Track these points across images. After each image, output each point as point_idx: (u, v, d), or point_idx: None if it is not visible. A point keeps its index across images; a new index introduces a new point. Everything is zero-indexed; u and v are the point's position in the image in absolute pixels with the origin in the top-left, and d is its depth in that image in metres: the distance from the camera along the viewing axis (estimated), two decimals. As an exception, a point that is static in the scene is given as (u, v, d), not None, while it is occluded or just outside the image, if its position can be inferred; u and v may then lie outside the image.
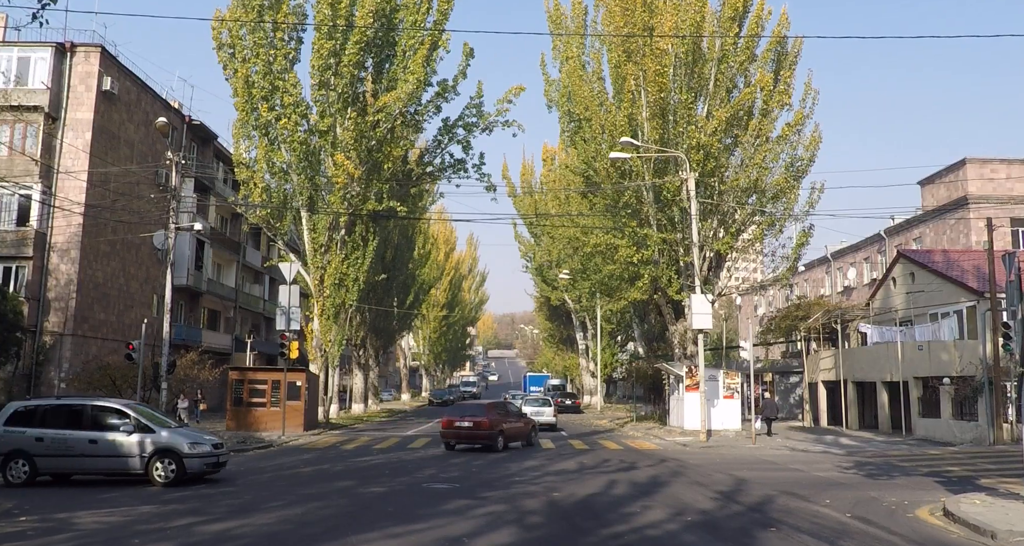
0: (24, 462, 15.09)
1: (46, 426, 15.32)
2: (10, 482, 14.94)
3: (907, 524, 11.27)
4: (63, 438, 15.12)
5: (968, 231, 36.59)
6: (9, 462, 15.10)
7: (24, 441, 15.15)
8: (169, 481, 14.93)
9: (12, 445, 15.13)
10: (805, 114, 29.74)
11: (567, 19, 37.39)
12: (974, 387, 25.58)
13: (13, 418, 15.46)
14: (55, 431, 15.24)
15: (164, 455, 15.06)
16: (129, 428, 15.13)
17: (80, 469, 15.41)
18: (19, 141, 32.95)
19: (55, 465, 15.32)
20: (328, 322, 32.13)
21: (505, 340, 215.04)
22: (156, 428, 15.34)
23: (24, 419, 15.46)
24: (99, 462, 15.22)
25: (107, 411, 15.66)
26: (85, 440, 15.08)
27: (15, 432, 15.23)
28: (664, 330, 35.93)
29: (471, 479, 16.09)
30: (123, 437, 15.10)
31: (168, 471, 15.01)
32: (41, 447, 15.09)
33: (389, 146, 31.98)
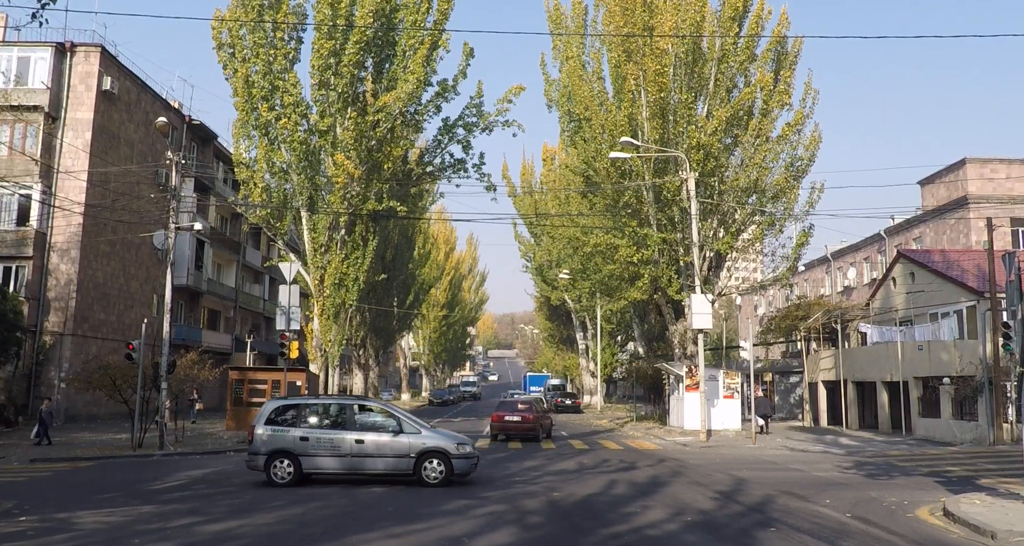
0: (289, 462, 14.93)
1: (309, 426, 15.22)
2: (275, 482, 14.80)
3: (907, 524, 11.27)
4: (329, 438, 15.01)
5: (968, 231, 36.59)
6: (274, 461, 14.93)
7: (288, 440, 15.00)
8: (439, 482, 14.81)
9: (276, 444, 14.96)
10: (805, 114, 29.75)
11: (567, 19, 37.39)
12: (974, 387, 25.58)
13: (275, 417, 15.32)
14: (320, 431, 15.12)
15: (433, 456, 14.95)
16: (396, 428, 15.10)
17: (347, 469, 15.16)
18: (19, 141, 32.96)
19: (320, 465, 15.10)
20: (328, 322, 32.11)
21: (505, 340, 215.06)
22: (420, 428, 15.37)
23: (286, 418, 15.35)
24: (366, 462, 15.05)
25: (370, 411, 15.72)
26: (352, 440, 14.94)
27: (279, 431, 15.08)
28: (664, 330, 35.93)
29: (471, 479, 16.08)
30: (390, 437, 15.01)
31: (437, 472, 14.90)
32: (306, 447, 14.94)
33: (389, 146, 31.96)
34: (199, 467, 18.60)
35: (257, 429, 15.11)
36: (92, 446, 23.55)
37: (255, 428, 15.16)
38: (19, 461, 19.93)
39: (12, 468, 18.72)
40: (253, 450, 15.06)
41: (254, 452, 15.04)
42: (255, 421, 15.45)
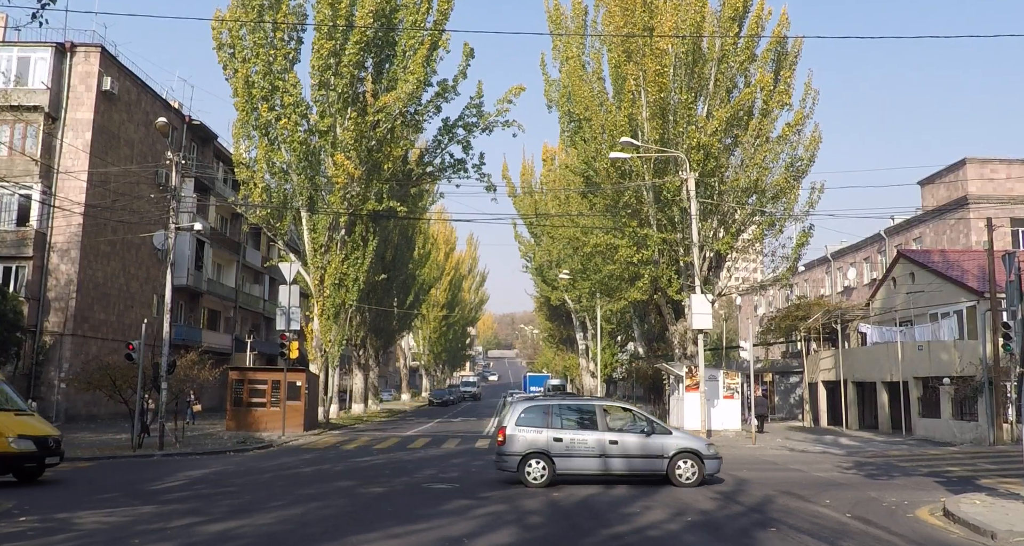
0: (543, 463, 14.96)
1: (559, 427, 15.25)
2: (528, 482, 14.81)
3: (907, 524, 11.26)
4: (583, 439, 15.03)
5: (968, 231, 36.59)
6: (528, 461, 14.98)
7: (542, 441, 15.04)
8: (691, 483, 14.79)
9: (531, 445, 15.01)
10: (805, 114, 29.74)
11: (567, 19, 37.39)
12: (974, 387, 25.58)
13: (525, 418, 15.36)
14: (573, 432, 15.16)
15: (686, 456, 14.95)
16: (647, 429, 15.14)
17: (600, 470, 15.12)
18: (19, 141, 32.96)
19: (573, 466, 15.10)
20: (328, 322, 32.12)
21: (505, 340, 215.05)
22: (669, 429, 15.39)
23: (536, 419, 15.38)
24: (619, 463, 15.06)
25: (618, 412, 15.82)
26: (606, 441, 14.97)
27: (532, 432, 15.12)
28: (664, 330, 35.92)
29: (471, 479, 16.08)
30: (643, 438, 15.05)
31: (691, 473, 14.89)
32: (560, 447, 14.98)
33: (389, 146, 31.97)
34: (199, 467, 18.60)
35: (509, 430, 15.16)
36: (92, 446, 23.55)
37: (505, 429, 15.20)
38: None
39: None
40: (505, 451, 15.08)
41: (506, 453, 15.07)
42: (503, 422, 15.50)
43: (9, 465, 15.12)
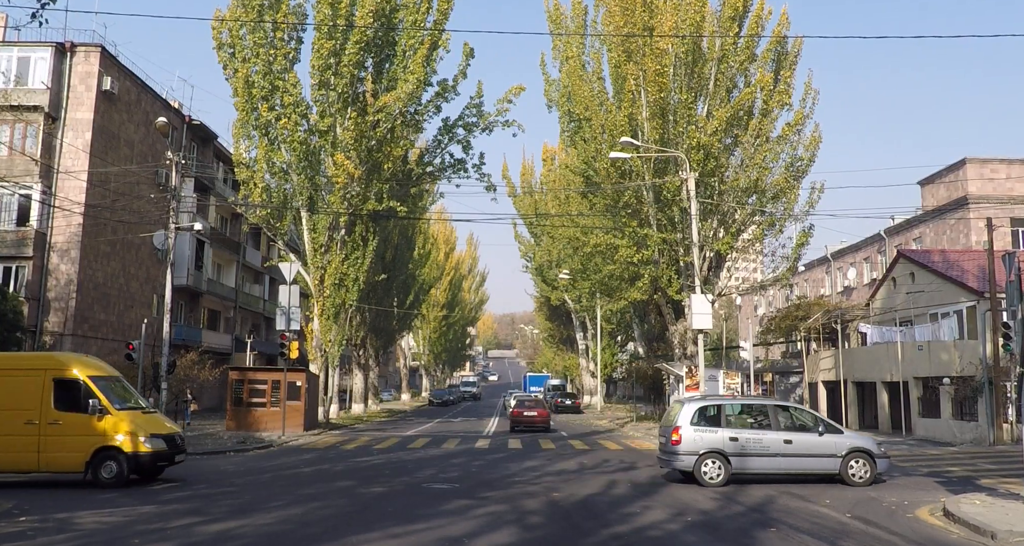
0: (720, 462, 15.04)
1: (734, 426, 15.34)
2: (704, 482, 14.91)
3: (907, 524, 11.27)
4: (758, 438, 15.07)
5: (968, 231, 36.58)
6: (704, 461, 15.05)
7: (719, 441, 15.11)
8: (863, 482, 14.93)
9: (708, 445, 15.07)
10: (805, 114, 29.72)
11: (567, 19, 37.38)
12: (974, 387, 25.57)
13: (698, 418, 15.44)
14: (748, 431, 15.25)
15: (858, 456, 15.06)
16: (820, 428, 15.25)
17: (775, 470, 15.28)
18: (19, 141, 32.95)
19: (749, 465, 15.22)
20: (328, 322, 32.12)
21: (505, 340, 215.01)
22: (840, 428, 15.50)
23: (710, 419, 15.47)
24: (794, 462, 15.15)
25: (789, 411, 15.96)
26: (780, 440, 15.05)
27: (707, 432, 15.19)
28: (664, 330, 35.91)
29: (471, 479, 16.09)
30: (816, 437, 15.16)
31: (863, 471, 15.03)
32: (735, 447, 15.08)
33: (389, 146, 31.97)
34: (199, 467, 18.60)
35: (683, 430, 15.21)
36: (92, 446, 23.50)
37: (680, 428, 15.24)
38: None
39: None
40: (680, 450, 15.17)
41: (681, 452, 15.15)
42: (676, 422, 15.52)
43: (144, 465, 15.17)
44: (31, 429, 14.81)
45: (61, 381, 15.15)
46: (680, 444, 15.13)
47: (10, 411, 14.87)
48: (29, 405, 14.94)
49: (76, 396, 15.07)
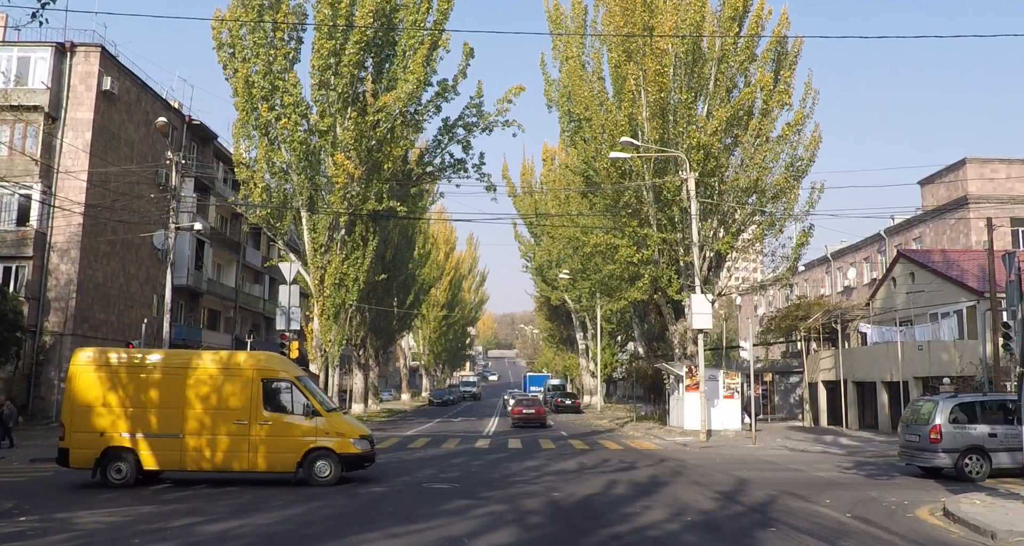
0: (980, 458, 15.15)
1: (990, 422, 15.38)
2: (971, 478, 15.03)
3: (907, 524, 11.27)
4: (1016, 433, 14.78)
5: (968, 231, 36.59)
6: (966, 458, 15.13)
7: (977, 437, 15.20)
8: None
9: (967, 442, 15.14)
10: (805, 114, 29.74)
11: (567, 19, 37.38)
12: (974, 387, 25.56)
13: (954, 415, 15.50)
14: (1005, 427, 15.28)
15: None
16: None
17: None
18: (19, 141, 32.95)
19: (1006, 460, 15.26)
20: (328, 322, 32.11)
21: (505, 340, 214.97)
22: None
23: (966, 415, 15.52)
24: None
25: None
26: None
27: (965, 429, 15.28)
28: (664, 330, 35.93)
29: (471, 479, 16.09)
30: None
31: None
32: (994, 443, 15.17)
33: (389, 146, 31.96)
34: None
35: (944, 428, 15.35)
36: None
37: (940, 426, 15.38)
38: (19, 461, 19.92)
39: (12, 468, 18.71)
40: (940, 448, 15.24)
41: (939, 450, 15.23)
42: (933, 420, 15.65)
43: (353, 466, 15.56)
44: (242, 429, 15.06)
45: (269, 381, 15.40)
46: (940, 442, 15.27)
47: (220, 411, 15.14)
48: (238, 405, 15.18)
49: (285, 397, 15.40)
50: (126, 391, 15.07)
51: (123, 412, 14.98)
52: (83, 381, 15.09)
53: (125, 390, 15.08)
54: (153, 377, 15.25)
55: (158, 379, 15.21)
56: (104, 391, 15.03)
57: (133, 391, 15.08)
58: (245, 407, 15.12)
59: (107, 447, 14.83)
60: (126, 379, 15.13)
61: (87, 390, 15.04)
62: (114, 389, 15.06)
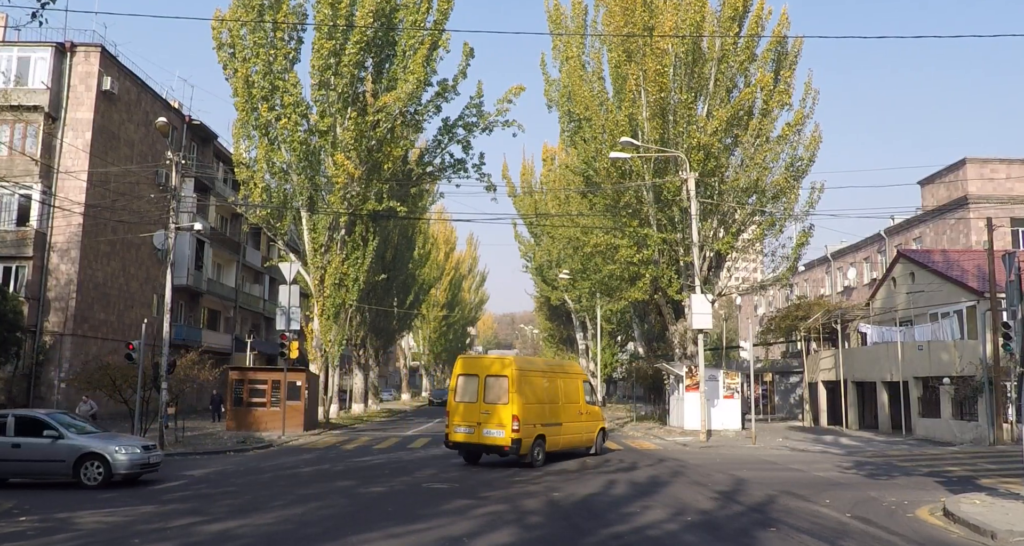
0: None
1: None
2: None
3: (907, 524, 11.27)
4: None
5: (968, 231, 36.59)
6: None
7: None
8: None
9: None
10: (805, 114, 29.75)
11: (567, 19, 37.39)
12: (974, 387, 25.58)
13: None
14: None
15: None
16: None
17: None
18: (19, 141, 32.95)
19: None
20: (328, 322, 32.12)
21: (505, 340, 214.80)
22: None
23: None
24: None
25: None
26: None
27: None
28: (664, 330, 35.92)
29: (471, 479, 16.09)
30: None
31: None
32: None
33: (389, 146, 31.97)
34: (199, 467, 18.61)
35: None
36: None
37: None
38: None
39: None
40: None
41: None
42: None
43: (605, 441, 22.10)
44: (581, 417, 20.98)
45: (586, 382, 22.01)
46: None
47: (572, 404, 20.65)
48: (578, 399, 21.05)
49: (587, 392, 21.78)
50: (534, 391, 19.23)
51: (540, 409, 19.24)
52: (526, 383, 18.99)
53: (534, 391, 19.22)
54: (541, 382, 19.73)
55: (545, 383, 19.86)
56: (531, 391, 19.05)
57: (536, 392, 19.37)
58: (580, 401, 21.07)
59: (537, 435, 18.84)
60: (534, 382, 19.55)
61: (529, 391, 19.00)
62: (532, 390, 19.15)
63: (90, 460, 14.88)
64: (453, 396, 19.29)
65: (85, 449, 14.91)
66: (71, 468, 14.89)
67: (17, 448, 14.94)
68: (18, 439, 15.01)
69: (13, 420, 15.29)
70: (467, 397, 19.03)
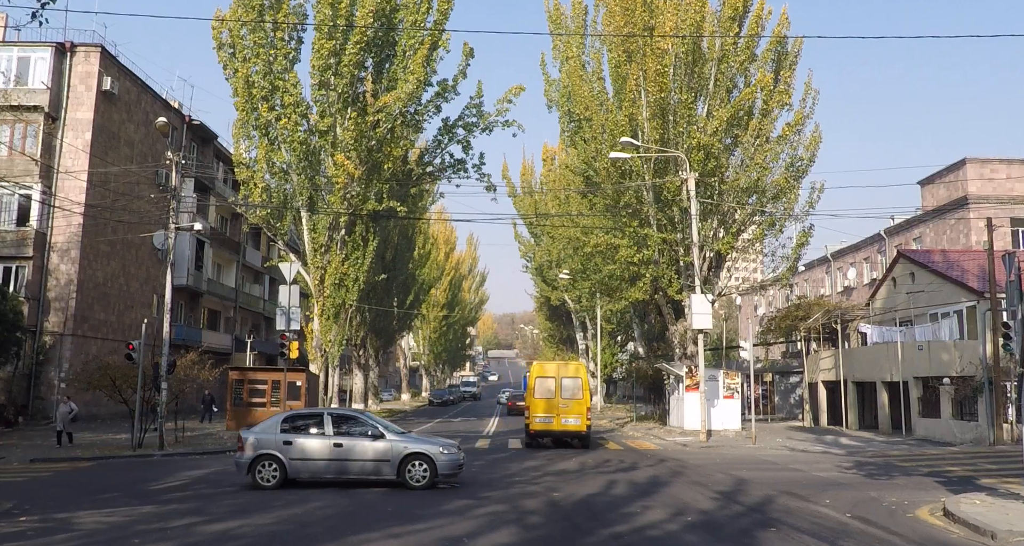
0: None
1: None
2: None
3: (907, 524, 11.26)
4: None
5: (968, 231, 36.59)
6: None
7: None
8: None
9: None
10: (805, 114, 29.74)
11: (567, 19, 37.37)
12: (974, 387, 25.56)
13: None
14: None
15: None
16: None
17: None
18: (19, 141, 32.95)
19: None
20: (328, 322, 32.10)
21: (505, 340, 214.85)
22: None
23: None
24: None
25: None
26: None
27: None
28: (664, 330, 35.92)
29: (471, 479, 16.09)
30: None
31: None
32: None
33: (389, 146, 31.94)
34: (199, 467, 18.61)
35: None
36: (92, 446, 23.56)
37: None
38: (19, 461, 19.93)
39: (12, 468, 18.72)
40: None
41: None
42: None
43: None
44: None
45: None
46: None
47: (581, 402, 24.24)
48: (584, 396, 24.32)
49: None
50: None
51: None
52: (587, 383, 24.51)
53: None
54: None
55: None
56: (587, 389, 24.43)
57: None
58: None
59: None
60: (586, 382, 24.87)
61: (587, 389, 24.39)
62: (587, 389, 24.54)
63: (415, 460, 14.59)
64: (531, 394, 24.07)
65: (409, 450, 14.67)
66: (395, 468, 14.60)
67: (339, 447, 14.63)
68: (339, 439, 14.72)
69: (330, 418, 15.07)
70: (545, 394, 23.83)
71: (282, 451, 14.54)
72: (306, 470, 14.69)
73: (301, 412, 16.34)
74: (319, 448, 14.60)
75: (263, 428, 14.99)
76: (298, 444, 14.60)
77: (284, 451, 14.55)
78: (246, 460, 14.52)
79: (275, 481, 14.42)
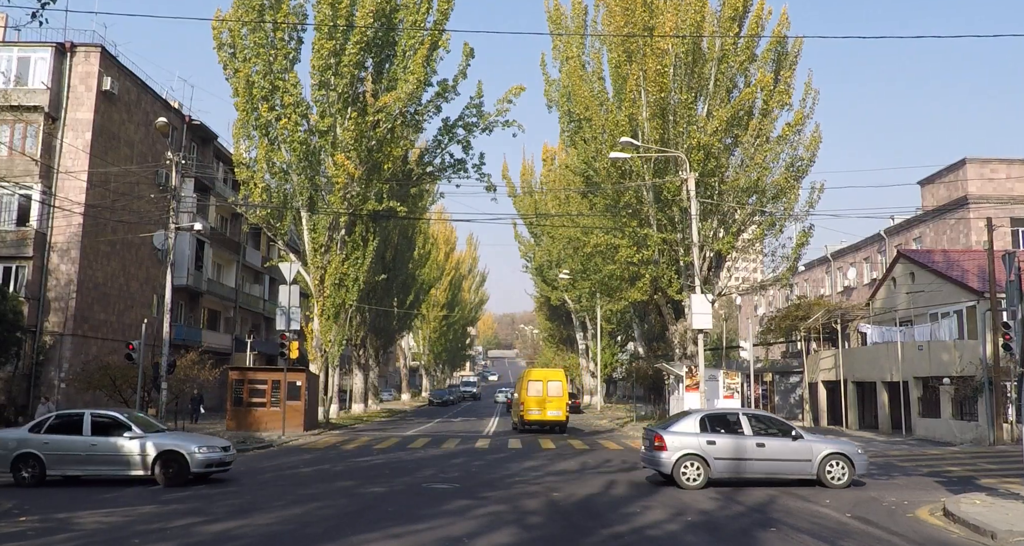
0: None
1: None
2: None
3: (907, 524, 11.27)
4: None
5: (968, 231, 36.59)
6: None
7: None
8: None
9: None
10: (805, 114, 29.72)
11: (567, 19, 37.36)
12: (974, 387, 25.57)
13: None
14: None
15: None
16: None
17: None
18: (19, 141, 32.94)
19: None
20: (328, 322, 32.12)
21: (505, 340, 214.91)
22: None
23: None
24: None
25: None
26: None
27: None
28: (664, 330, 35.90)
29: (471, 479, 16.09)
30: None
31: None
32: None
33: (389, 146, 31.96)
34: (199, 467, 18.56)
35: None
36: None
37: None
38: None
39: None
40: None
41: None
42: None
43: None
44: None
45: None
46: None
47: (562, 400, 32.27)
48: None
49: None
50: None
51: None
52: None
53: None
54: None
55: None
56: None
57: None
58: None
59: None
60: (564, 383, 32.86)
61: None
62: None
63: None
64: (524, 393, 31.93)
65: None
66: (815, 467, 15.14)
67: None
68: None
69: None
70: (536, 393, 31.73)
71: (705, 451, 14.77)
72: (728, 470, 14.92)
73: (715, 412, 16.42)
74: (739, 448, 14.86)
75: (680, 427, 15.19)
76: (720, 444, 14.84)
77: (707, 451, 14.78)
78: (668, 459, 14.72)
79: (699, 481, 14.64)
